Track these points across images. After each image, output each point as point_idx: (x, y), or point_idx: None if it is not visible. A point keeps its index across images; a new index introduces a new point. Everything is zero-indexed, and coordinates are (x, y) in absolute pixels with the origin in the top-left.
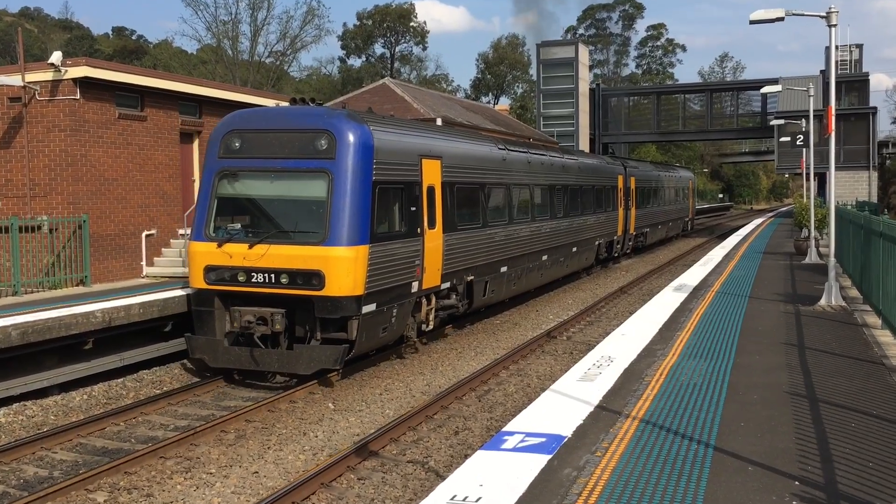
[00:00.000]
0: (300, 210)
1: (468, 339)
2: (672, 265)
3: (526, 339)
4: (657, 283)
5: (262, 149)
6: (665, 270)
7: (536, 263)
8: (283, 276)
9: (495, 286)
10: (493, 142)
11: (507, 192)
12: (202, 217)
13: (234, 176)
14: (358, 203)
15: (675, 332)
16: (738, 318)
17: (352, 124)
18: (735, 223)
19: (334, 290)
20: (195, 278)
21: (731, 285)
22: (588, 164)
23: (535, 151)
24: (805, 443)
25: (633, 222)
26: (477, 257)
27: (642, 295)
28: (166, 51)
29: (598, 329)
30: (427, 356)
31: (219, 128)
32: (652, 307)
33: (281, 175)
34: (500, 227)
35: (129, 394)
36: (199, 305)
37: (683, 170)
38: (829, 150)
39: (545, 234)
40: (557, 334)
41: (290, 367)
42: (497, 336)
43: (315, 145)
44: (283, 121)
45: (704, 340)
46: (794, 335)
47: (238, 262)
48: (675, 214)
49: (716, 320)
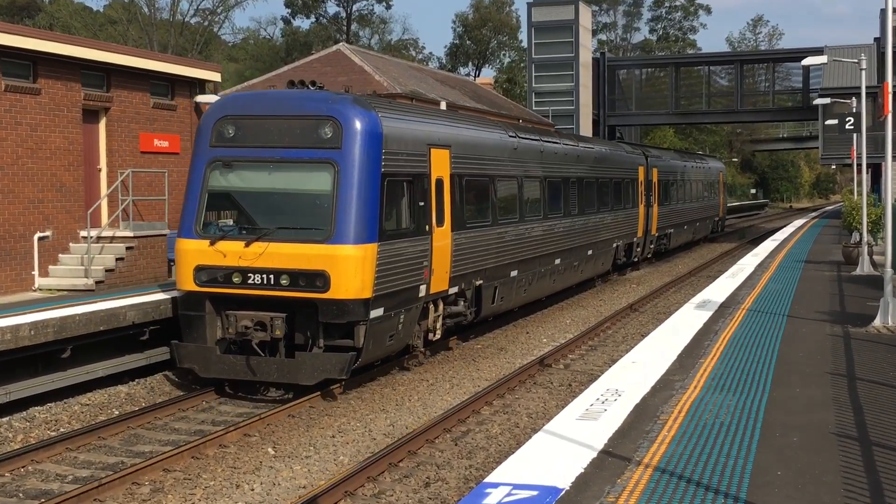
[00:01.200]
0: (302, 204)
1: (442, 368)
2: (693, 276)
3: (514, 367)
4: (675, 299)
5: (259, 137)
6: (685, 282)
7: (549, 268)
8: (283, 277)
9: (505, 292)
10: (503, 128)
11: (519, 186)
12: (192, 212)
13: (228, 166)
14: (366, 197)
15: (697, 360)
16: (773, 343)
17: (359, 110)
18: (770, 225)
19: (341, 292)
20: (184, 279)
21: (765, 302)
22: (605, 153)
23: (549, 139)
24: (856, 497)
25: (654, 222)
26: (487, 259)
27: (657, 313)
28: (66, 7)
29: (602, 355)
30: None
31: (210, 113)
32: (669, 329)
33: (280, 166)
34: (510, 226)
35: (16, 436)
36: (188, 309)
37: (712, 159)
38: (886, 136)
39: (558, 234)
40: (552, 362)
41: (291, 377)
42: (478, 364)
43: (319, 133)
44: (283, 106)
45: (733, 370)
46: (843, 363)
47: (233, 261)
48: (703, 213)
49: (747, 345)
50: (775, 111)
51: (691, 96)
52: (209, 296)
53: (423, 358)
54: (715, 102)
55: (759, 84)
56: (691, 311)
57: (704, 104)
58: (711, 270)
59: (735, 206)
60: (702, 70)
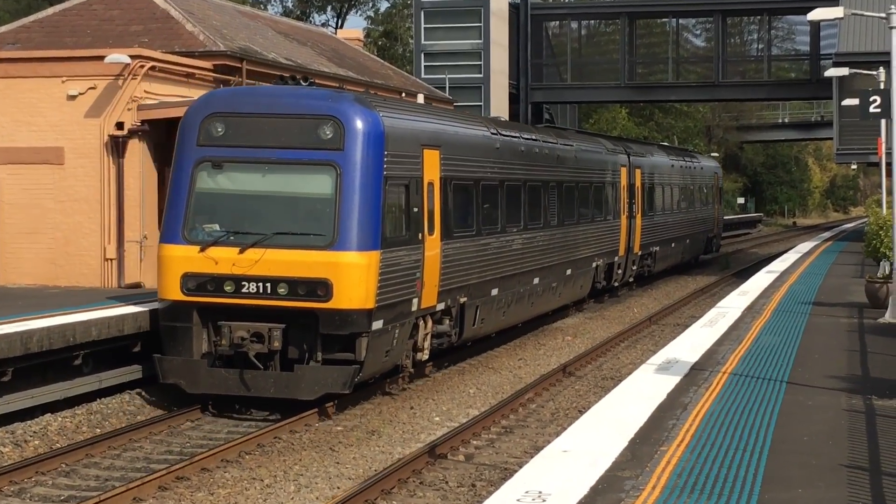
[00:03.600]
0: (302, 209)
1: (287, 461)
2: (653, 325)
3: (391, 459)
4: (628, 357)
5: (252, 136)
6: (641, 334)
7: (527, 288)
8: (280, 286)
9: (486, 313)
10: (485, 124)
11: (501, 191)
12: (177, 216)
13: (218, 167)
14: (370, 202)
15: (657, 448)
16: (767, 422)
17: (361, 109)
18: (765, 250)
19: (344, 302)
20: (168, 288)
21: (756, 362)
22: (586, 151)
23: (528, 135)
24: None
25: (638, 236)
26: (471, 273)
27: (601, 378)
28: None
29: (521, 441)
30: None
31: (195, 109)
32: (618, 401)
33: (276, 167)
34: (493, 237)
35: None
36: (173, 321)
37: (705, 158)
38: None
39: (538, 247)
40: (449, 451)
41: (289, 392)
42: (337, 454)
43: (319, 134)
44: (278, 104)
45: (708, 462)
46: (864, 451)
47: (226, 269)
48: (695, 226)
49: (729, 425)
50: (772, 86)
51: (652, 62)
52: (197, 306)
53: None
54: (686, 72)
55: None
56: (650, 374)
57: (671, 74)
58: (681, 315)
59: None
60: (668, 24)
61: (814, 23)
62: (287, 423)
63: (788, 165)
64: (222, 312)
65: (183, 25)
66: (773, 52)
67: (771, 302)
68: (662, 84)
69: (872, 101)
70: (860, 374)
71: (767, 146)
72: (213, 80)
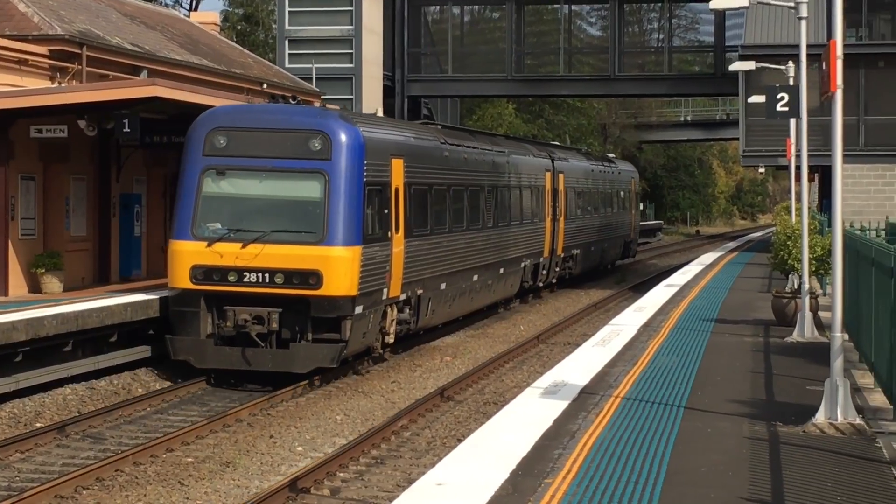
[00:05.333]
0: (295, 210)
1: (129, 496)
2: (541, 344)
3: (247, 494)
4: (512, 380)
5: (250, 147)
6: (528, 353)
7: (468, 284)
8: (277, 276)
9: (436, 305)
10: (436, 135)
11: (448, 195)
12: (186, 216)
13: (222, 174)
14: (353, 204)
15: (540, 480)
16: (662, 451)
17: (344, 125)
18: (665, 261)
19: (332, 289)
20: (179, 278)
21: (652, 386)
22: (516, 156)
23: (469, 144)
24: None
25: (561, 239)
26: (425, 269)
27: (483, 403)
28: None
29: (393, 473)
30: None
31: (200, 124)
32: (499, 428)
33: (273, 174)
34: (443, 236)
35: None
36: (183, 306)
37: (623, 163)
38: (833, 126)
39: (477, 247)
40: (312, 485)
41: (285, 366)
42: (187, 488)
43: (309, 146)
44: (273, 120)
45: (597, 493)
46: (766, 482)
47: (230, 261)
48: (614, 231)
49: (621, 455)
50: (673, 80)
51: (542, 53)
52: (204, 293)
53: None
54: (580, 64)
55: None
56: (536, 399)
57: (563, 66)
58: (571, 333)
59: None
60: (559, 11)
61: (718, 12)
62: (132, 452)
63: (691, 168)
64: (226, 299)
65: (14, 5)
66: (675, 44)
67: (669, 319)
68: (553, 77)
69: (780, 99)
70: (764, 398)
71: (668, 147)
72: (49, 68)
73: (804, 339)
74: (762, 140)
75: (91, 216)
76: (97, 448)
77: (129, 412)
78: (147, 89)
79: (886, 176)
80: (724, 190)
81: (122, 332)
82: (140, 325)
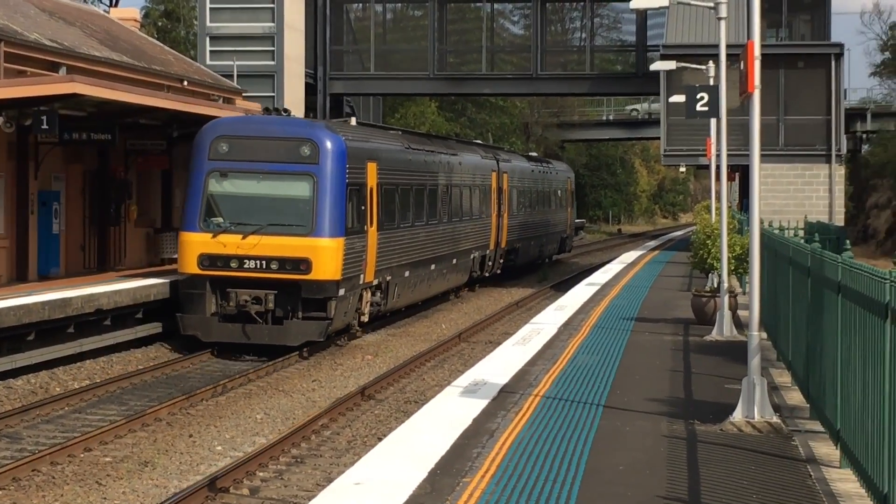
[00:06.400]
0: (288, 207)
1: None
2: (462, 342)
3: (166, 492)
4: (433, 378)
5: (249, 152)
6: (450, 352)
7: (427, 272)
8: (273, 263)
9: (401, 290)
10: (401, 140)
11: (411, 193)
12: (194, 211)
13: (224, 176)
14: (337, 201)
15: (459, 479)
16: (580, 449)
17: (330, 134)
18: (586, 260)
19: (320, 274)
20: (187, 264)
21: (571, 384)
22: (467, 157)
23: (428, 147)
24: None
25: (504, 233)
26: (393, 258)
27: (404, 402)
28: None
29: (313, 473)
30: None
31: (205, 133)
32: (419, 427)
33: (269, 176)
34: (407, 230)
35: None
36: (191, 288)
37: (560, 163)
38: (751, 126)
39: (434, 239)
40: (232, 484)
41: (279, 340)
42: (105, 488)
43: (300, 152)
44: (269, 129)
45: (515, 492)
46: (683, 480)
47: (232, 250)
48: (551, 227)
49: (539, 454)
50: (595, 79)
51: (465, 52)
52: (209, 277)
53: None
54: (502, 62)
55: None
56: (456, 398)
57: (485, 65)
58: (493, 332)
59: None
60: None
61: (639, 12)
62: (49, 451)
63: (613, 167)
64: (229, 282)
65: None
66: (597, 43)
67: (590, 317)
68: (475, 76)
69: (700, 99)
70: (683, 396)
71: (590, 146)
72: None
73: (723, 338)
74: (683, 139)
75: (9, 214)
76: (14, 448)
77: (47, 411)
78: (66, 86)
79: (806, 175)
80: (645, 189)
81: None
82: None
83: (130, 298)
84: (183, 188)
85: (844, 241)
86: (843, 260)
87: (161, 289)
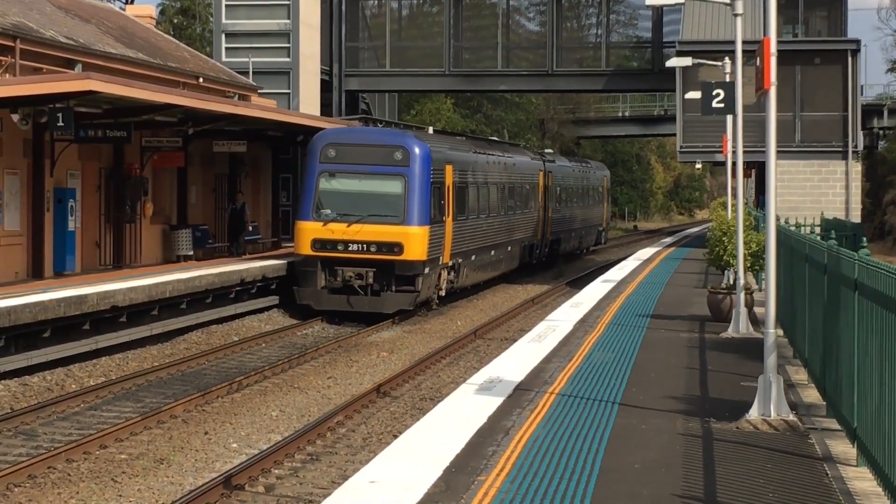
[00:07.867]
0: (384, 201)
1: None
2: (478, 339)
3: (181, 491)
4: (448, 376)
5: (353, 157)
6: (465, 349)
7: (488, 257)
8: (372, 246)
9: (469, 272)
10: (467, 145)
11: (478, 190)
12: (308, 204)
13: (333, 175)
14: (424, 197)
15: (474, 477)
16: (595, 447)
17: (418, 142)
18: (602, 257)
19: (410, 255)
20: (303, 247)
21: (587, 382)
22: (520, 160)
23: (491, 151)
24: None
25: (550, 226)
26: (463, 244)
27: (419, 399)
28: None
29: (328, 470)
30: None
31: (317, 140)
32: (434, 425)
33: (368, 176)
34: (475, 221)
35: None
36: (306, 267)
37: (597, 164)
38: (767, 123)
39: (495, 229)
40: (247, 482)
41: (377, 308)
42: (120, 485)
43: (394, 156)
44: (368, 138)
45: (530, 490)
46: (699, 479)
47: (339, 235)
48: (590, 220)
49: (555, 452)
50: (611, 75)
51: (480, 48)
52: (320, 258)
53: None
54: (518, 59)
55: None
56: (471, 395)
57: (501, 62)
58: (508, 328)
59: None
60: (497, 6)
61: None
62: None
63: (629, 164)
64: (336, 262)
65: None
66: (613, 39)
67: (606, 314)
68: (491, 72)
69: (715, 95)
70: (699, 394)
71: (606, 142)
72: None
73: (739, 335)
74: (699, 136)
75: (25, 211)
76: (30, 445)
77: (63, 408)
78: (82, 83)
79: (822, 172)
80: (661, 185)
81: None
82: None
83: (146, 295)
84: (198, 185)
85: (861, 238)
86: (859, 257)
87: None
